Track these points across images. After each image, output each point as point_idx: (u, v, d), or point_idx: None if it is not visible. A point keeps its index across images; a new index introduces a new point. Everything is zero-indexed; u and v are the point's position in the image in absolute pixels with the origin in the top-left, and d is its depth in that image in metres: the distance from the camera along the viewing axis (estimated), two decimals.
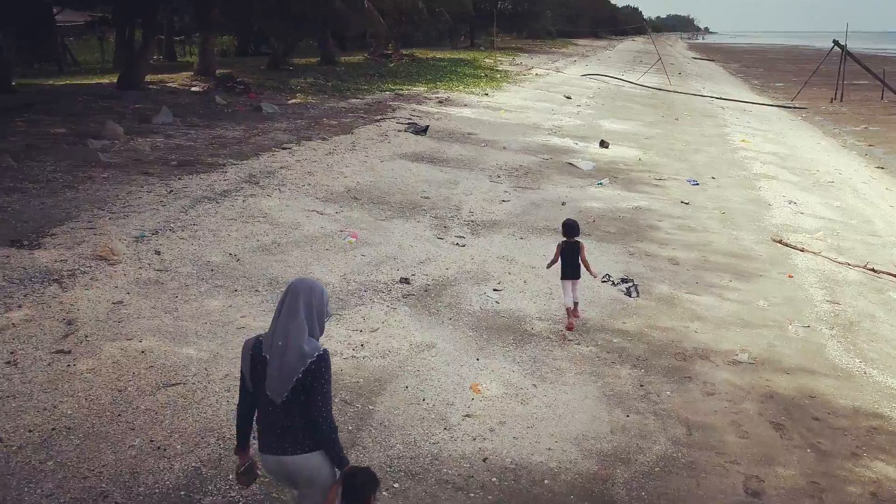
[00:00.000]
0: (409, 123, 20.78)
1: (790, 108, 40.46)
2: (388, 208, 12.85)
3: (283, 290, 3.99)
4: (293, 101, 24.27)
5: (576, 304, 8.90)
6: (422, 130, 19.98)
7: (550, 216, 13.40)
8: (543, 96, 32.98)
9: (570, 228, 8.88)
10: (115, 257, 8.70)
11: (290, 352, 3.82)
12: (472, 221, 12.69)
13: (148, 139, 16.03)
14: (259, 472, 4.33)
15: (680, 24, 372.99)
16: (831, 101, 42.56)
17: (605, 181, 16.96)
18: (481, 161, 17.63)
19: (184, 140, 16.36)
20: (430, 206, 13.28)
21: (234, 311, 7.98)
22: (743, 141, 25.49)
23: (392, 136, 19.12)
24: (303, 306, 3.89)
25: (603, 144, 21.46)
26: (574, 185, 16.31)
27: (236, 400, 4.20)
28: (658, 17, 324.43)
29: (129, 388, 6.24)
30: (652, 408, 7.05)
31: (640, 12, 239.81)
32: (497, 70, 43.33)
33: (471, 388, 7.03)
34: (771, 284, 10.96)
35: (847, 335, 9.26)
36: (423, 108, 25.06)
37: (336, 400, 6.48)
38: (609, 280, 10.37)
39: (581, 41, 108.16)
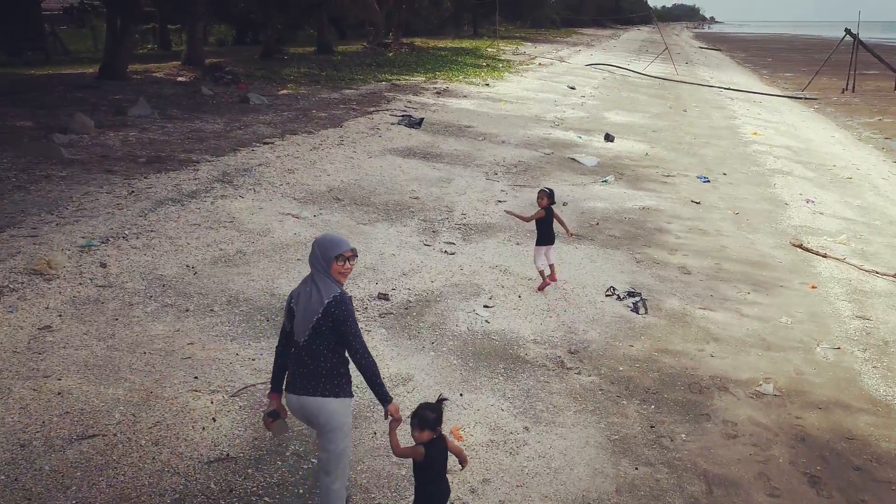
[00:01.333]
0: (402, 116, 19.68)
1: (801, 98, 39.24)
2: (372, 210, 11.78)
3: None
4: (283, 91, 23.17)
5: (552, 266, 9.06)
6: (416, 123, 18.88)
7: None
8: (546, 87, 31.82)
9: (552, 196, 8.94)
10: (53, 271, 7.64)
11: (312, 295, 4.20)
12: (464, 225, 11.60)
13: (120, 133, 14.96)
14: (288, 427, 4.60)
15: (685, 14, 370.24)
16: (842, 92, 41.30)
17: (610, 178, 15.85)
18: (478, 157, 16.52)
19: (158, 134, 15.28)
20: (419, 208, 12.19)
21: (182, 337, 6.91)
22: (754, 133, 24.35)
23: (384, 129, 18.02)
24: (317, 254, 4.30)
25: (608, 138, 20.33)
26: (577, 183, 15.21)
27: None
28: (663, 7, 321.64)
29: (33, 443, 5.18)
30: (665, 456, 5.97)
31: (646, 1, 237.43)
32: (499, 59, 42.14)
33: (451, 432, 5.96)
34: (793, 297, 9.87)
35: (882, 358, 8.17)
36: (420, 99, 23.94)
37: (287, 453, 5.42)
38: (614, 294, 9.29)
39: (586, 30, 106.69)
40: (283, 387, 4.36)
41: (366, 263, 9.33)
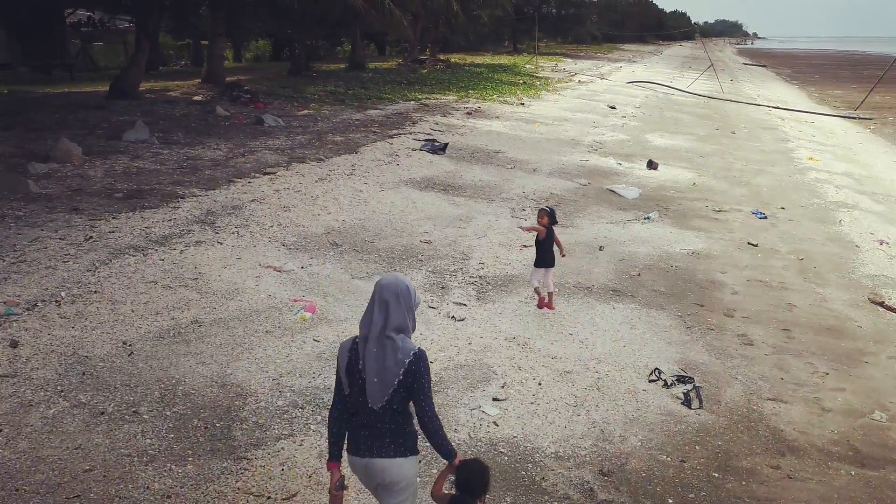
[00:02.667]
0: (426, 140, 18.00)
1: (855, 118, 36.87)
2: (373, 259, 10.07)
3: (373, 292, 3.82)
4: (303, 112, 21.65)
5: (551, 294, 8.89)
6: (439, 149, 17.19)
7: (583, 268, 10.52)
8: (585, 106, 29.96)
9: (548, 215, 8.73)
10: None
11: (388, 356, 3.75)
12: (480, 277, 9.84)
13: (107, 162, 13.48)
14: (346, 486, 4.09)
15: (728, 30, 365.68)
16: None
17: (653, 214, 13.99)
18: (504, 189, 14.75)
19: (150, 162, 13.77)
20: (430, 255, 10.46)
21: (80, 459, 5.21)
22: (810, 159, 22.26)
23: (403, 156, 16.34)
24: (392, 303, 3.76)
25: (651, 165, 18.44)
26: (615, 220, 13.38)
27: None
28: (706, 22, 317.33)
29: None
30: None
31: (688, 17, 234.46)
32: (537, 77, 40.36)
33: None
34: (883, 377, 7.97)
35: None
36: (449, 120, 22.25)
37: None
38: (659, 378, 7.45)
39: (627, 46, 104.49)
40: (349, 449, 3.96)
41: (351, 332, 7.59)
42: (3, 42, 31.21)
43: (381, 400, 3.79)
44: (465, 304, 8.81)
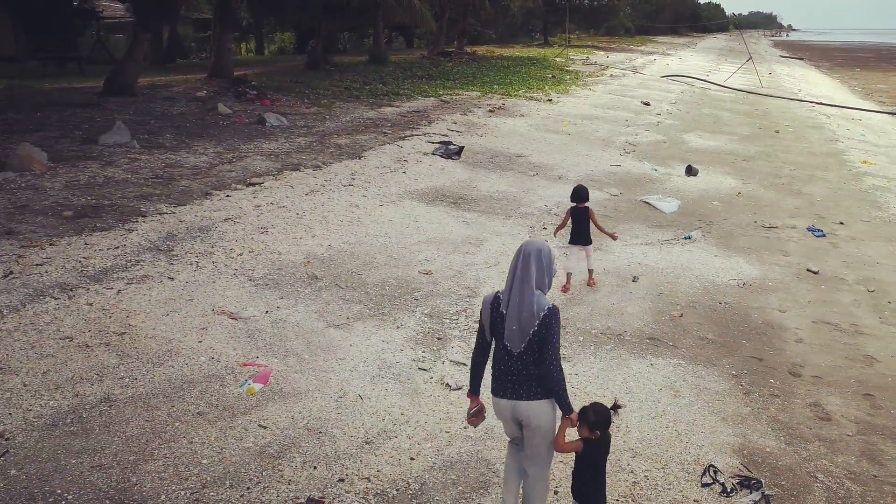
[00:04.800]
0: (440, 143, 16.21)
1: None
2: (358, 298, 8.30)
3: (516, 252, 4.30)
4: (312, 109, 19.94)
5: (591, 270, 9.31)
6: (454, 153, 15.39)
7: (614, 307, 8.70)
8: (617, 102, 27.93)
9: (580, 195, 9.09)
10: None
11: (525, 308, 4.23)
12: None
13: (73, 170, 11.86)
14: (486, 415, 4.72)
15: (763, 21, 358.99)
16: None
17: (694, 233, 12.11)
18: (524, 201, 12.94)
19: (121, 171, 12.12)
20: (428, 292, 8.68)
21: None
22: (864, 162, 20.13)
23: (412, 161, 14.57)
24: (534, 265, 4.29)
25: (690, 171, 16.49)
26: (651, 241, 11.52)
27: None
28: (740, 14, 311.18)
29: None
30: None
31: (723, 9, 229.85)
32: (567, 70, 38.31)
33: None
34: None
35: None
36: (469, 118, 20.42)
37: None
38: (715, 480, 5.61)
39: (661, 38, 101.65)
40: (493, 391, 4.47)
41: (311, 416, 5.84)
42: (9, 35, 29.77)
43: (518, 346, 4.29)
44: (464, 364, 7.02)
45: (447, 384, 6.58)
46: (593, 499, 4.55)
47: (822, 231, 13.00)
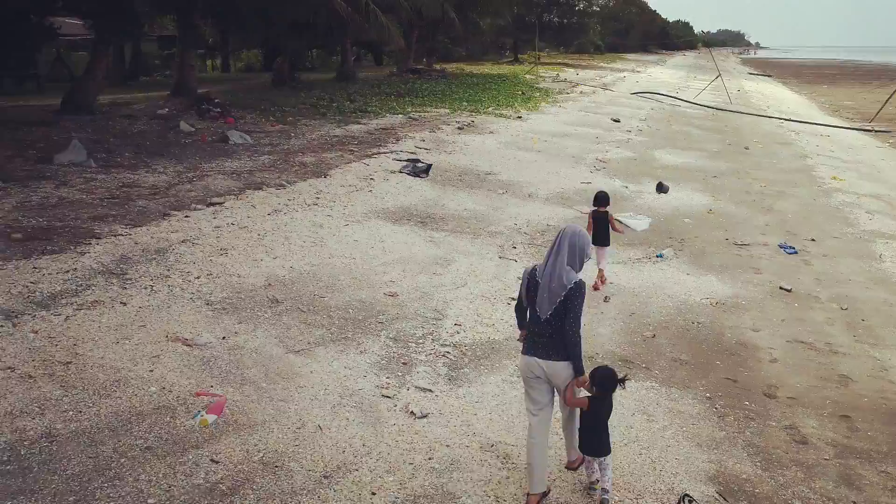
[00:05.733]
0: (408, 161, 15.95)
1: (871, 131, 34.77)
2: (319, 321, 7.99)
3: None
4: (277, 127, 19.61)
5: (601, 270, 9.80)
6: (422, 171, 15.14)
7: (585, 328, 8.40)
8: (587, 119, 27.88)
9: (601, 199, 9.79)
10: None
11: (556, 279, 4.90)
12: (454, 346, 7.77)
13: (25, 190, 11.45)
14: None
15: (730, 39, 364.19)
16: None
17: (666, 252, 11.95)
18: (494, 220, 12.70)
19: (76, 191, 11.72)
20: (394, 315, 8.39)
21: None
22: (834, 178, 20.19)
23: (379, 180, 14.29)
24: (567, 245, 4.97)
25: (661, 189, 16.36)
26: (623, 260, 11.32)
27: None
28: (708, 32, 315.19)
29: None
30: None
31: (691, 27, 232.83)
32: (537, 87, 38.29)
33: None
34: None
35: None
36: (438, 135, 20.19)
37: None
38: None
39: (631, 55, 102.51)
40: (523, 351, 5.19)
41: (267, 450, 5.51)
42: None
43: (546, 312, 4.94)
44: (430, 391, 6.73)
45: (412, 412, 6.29)
46: (598, 450, 5.20)
47: (793, 248, 12.89)
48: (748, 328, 9.21)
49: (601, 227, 9.74)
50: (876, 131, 34.48)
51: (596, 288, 9.69)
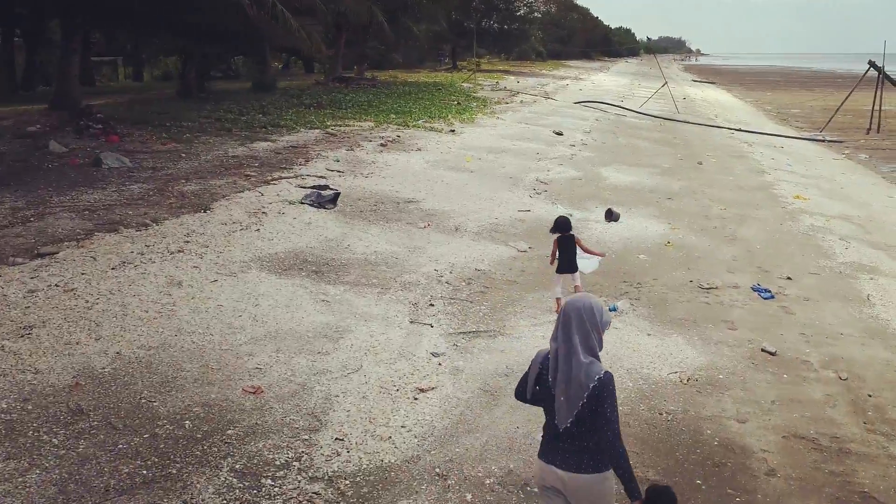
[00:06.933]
0: (313, 188, 13.46)
1: (824, 141, 33.43)
2: (134, 448, 5.49)
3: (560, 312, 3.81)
4: (168, 146, 16.92)
5: (577, 287, 9.10)
6: (328, 200, 12.67)
7: (517, 436, 6.16)
8: (527, 132, 25.66)
9: (563, 224, 9.16)
10: None
11: (573, 378, 3.79)
12: (328, 481, 5.36)
13: None
14: None
15: (672, 46, 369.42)
16: (867, 133, 35.51)
17: (621, 303, 9.70)
18: (410, 265, 10.28)
19: None
20: (249, 427, 5.90)
21: None
22: (797, 197, 18.28)
23: (273, 213, 11.77)
24: (576, 326, 3.83)
25: (611, 216, 14.13)
26: None
27: None
28: (650, 39, 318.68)
29: None
30: None
31: (633, 34, 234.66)
32: (474, 97, 36.01)
33: None
34: None
35: None
36: (356, 154, 17.72)
37: None
38: None
39: (573, 62, 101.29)
40: (539, 452, 4.04)
41: None
42: None
43: (566, 421, 3.84)
44: None
45: None
46: None
47: (769, 291, 10.78)
48: (732, 417, 6.97)
49: (570, 252, 9.13)
50: (828, 141, 33.20)
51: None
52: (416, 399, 6.60)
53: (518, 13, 77.38)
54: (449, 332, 8.14)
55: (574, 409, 3.81)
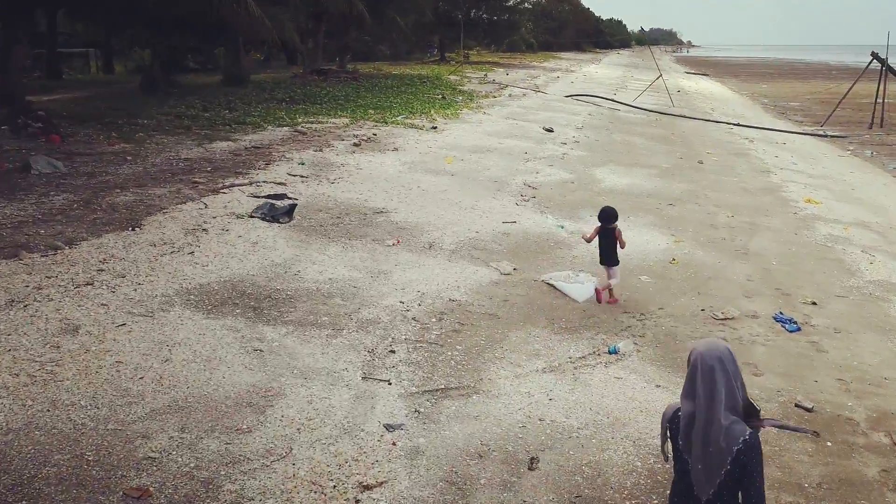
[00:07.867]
0: (268, 197, 11.75)
1: (826, 136, 31.95)
2: None
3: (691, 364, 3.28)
4: (116, 146, 15.20)
5: (611, 288, 8.91)
6: (283, 213, 10.97)
7: None
8: (515, 129, 23.95)
9: (608, 216, 8.96)
10: None
11: (714, 443, 3.30)
12: None
13: None
14: None
15: (663, 38, 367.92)
16: (870, 127, 34.05)
17: (622, 344, 8.06)
18: (370, 296, 8.58)
19: None
20: None
21: None
22: (808, 201, 16.67)
23: (215, 230, 10.06)
24: (722, 377, 3.29)
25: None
26: (558, 361, 7.39)
27: None
28: (641, 30, 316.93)
29: None
30: None
31: (625, 25, 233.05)
32: (460, 90, 34.26)
33: None
34: None
35: None
36: (325, 155, 16.01)
37: None
38: None
39: (565, 54, 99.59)
40: None
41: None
42: None
43: (707, 492, 3.40)
44: None
45: None
46: None
47: (794, 322, 9.19)
48: None
49: (609, 244, 8.90)
50: (830, 136, 31.75)
51: (599, 300, 8.94)
52: (357, 501, 4.92)
53: (508, 3, 75.51)
54: (410, 392, 6.47)
55: (716, 478, 3.37)
